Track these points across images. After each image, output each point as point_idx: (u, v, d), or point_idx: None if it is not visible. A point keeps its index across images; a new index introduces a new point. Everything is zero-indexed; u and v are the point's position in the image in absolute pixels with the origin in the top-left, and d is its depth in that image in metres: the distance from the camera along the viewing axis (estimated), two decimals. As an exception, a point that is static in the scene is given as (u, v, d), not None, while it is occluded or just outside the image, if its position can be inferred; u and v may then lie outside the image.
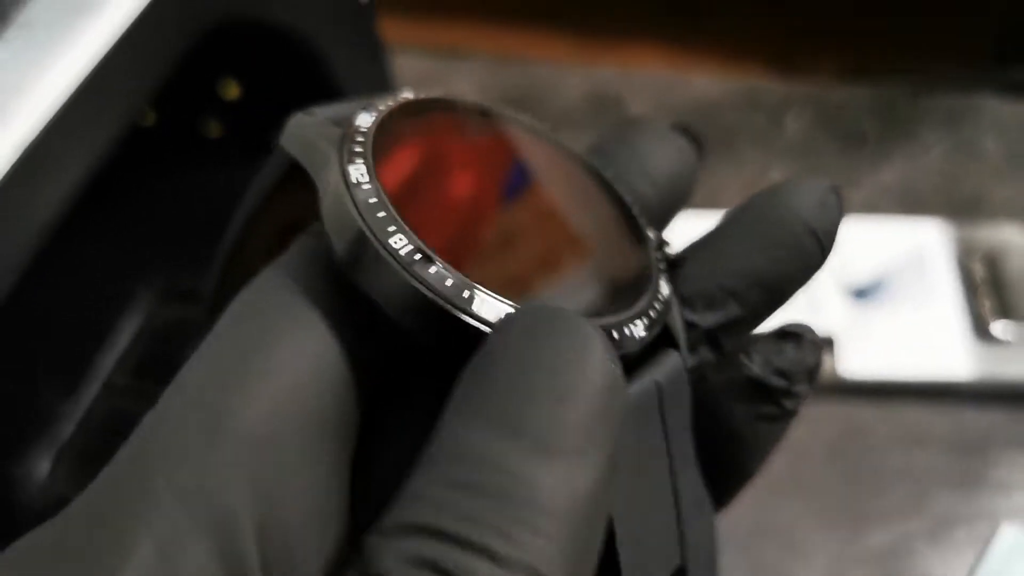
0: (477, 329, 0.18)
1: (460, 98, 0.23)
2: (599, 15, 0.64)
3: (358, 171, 0.19)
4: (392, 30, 0.52)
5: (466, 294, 0.18)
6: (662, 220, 0.24)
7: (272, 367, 0.18)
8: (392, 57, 0.48)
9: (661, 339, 0.20)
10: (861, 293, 0.48)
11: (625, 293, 0.20)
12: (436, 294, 0.18)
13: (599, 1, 0.64)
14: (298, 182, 0.21)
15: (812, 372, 0.22)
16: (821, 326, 0.47)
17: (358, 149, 0.19)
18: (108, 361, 0.45)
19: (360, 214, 0.18)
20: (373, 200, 0.19)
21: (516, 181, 0.22)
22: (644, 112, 0.56)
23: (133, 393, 0.44)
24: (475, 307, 0.18)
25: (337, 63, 0.45)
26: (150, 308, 0.47)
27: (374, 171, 0.19)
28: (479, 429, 0.16)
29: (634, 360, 0.19)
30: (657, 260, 0.22)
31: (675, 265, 0.23)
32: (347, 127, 0.20)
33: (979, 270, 0.49)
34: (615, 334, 0.19)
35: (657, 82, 0.58)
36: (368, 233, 0.18)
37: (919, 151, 0.55)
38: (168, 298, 0.47)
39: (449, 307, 0.18)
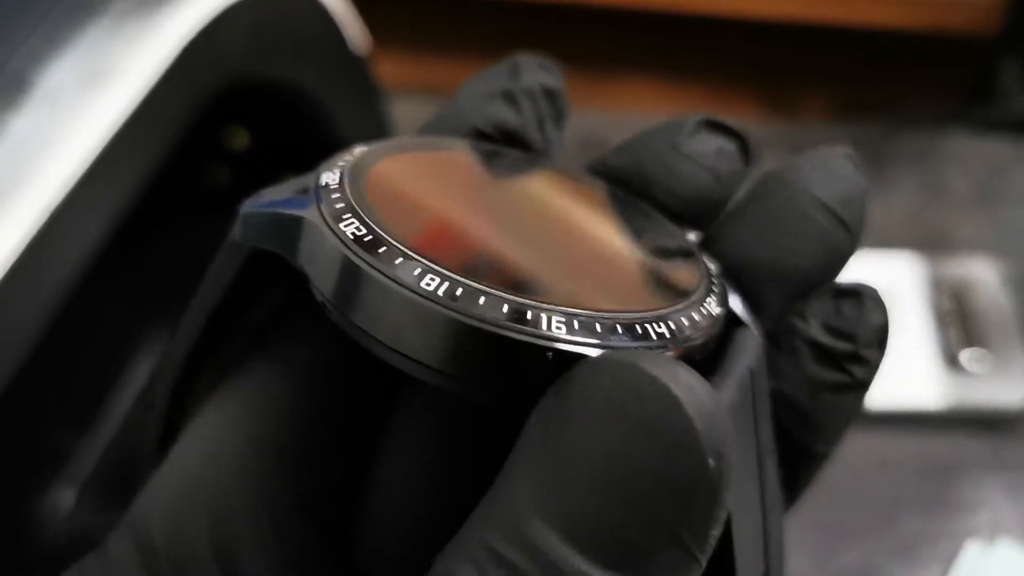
0: (560, 351, 0.15)
1: (414, 138, 0.21)
2: (589, 55, 0.65)
3: (352, 226, 0.17)
4: (388, 72, 0.54)
5: (530, 315, 0.15)
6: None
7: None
8: (390, 102, 0.50)
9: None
10: (834, 326, 0.49)
11: (683, 276, 0.18)
12: (498, 325, 0.15)
13: (589, 41, 0.65)
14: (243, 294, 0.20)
15: (880, 333, 0.19)
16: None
17: (340, 205, 0.17)
18: (124, 399, 0.46)
19: (376, 268, 0.16)
20: (383, 249, 0.16)
21: (505, 201, 0.20)
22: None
23: (149, 429, 0.46)
24: (547, 327, 0.15)
25: (337, 113, 0.47)
26: (161, 349, 0.48)
27: (369, 221, 0.17)
28: (538, 521, 0.14)
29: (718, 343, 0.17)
30: (689, 241, 0.20)
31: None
32: (314, 189, 0.18)
33: (947, 302, 0.50)
34: (696, 316, 0.17)
35: (643, 125, 0.59)
36: (394, 285, 0.16)
37: (889, 188, 0.57)
38: None
39: (520, 336, 0.15)
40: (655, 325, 0.16)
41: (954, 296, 0.51)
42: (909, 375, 0.48)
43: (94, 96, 0.34)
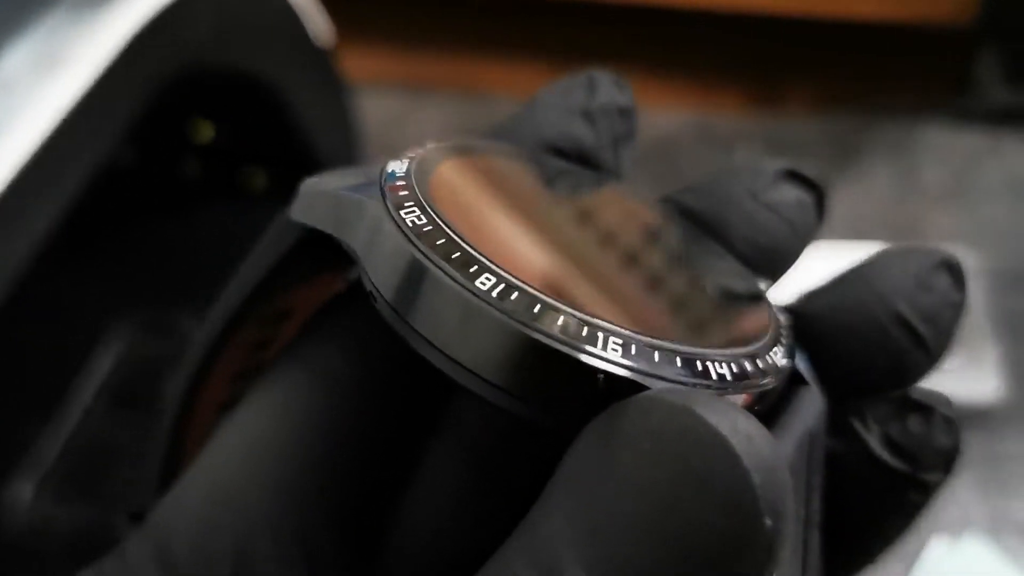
0: (612, 375, 0.14)
1: (491, 143, 0.20)
2: (571, 50, 0.66)
3: (413, 214, 0.16)
4: (364, 66, 0.54)
5: (587, 331, 0.14)
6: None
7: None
8: (357, 96, 0.50)
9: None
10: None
11: (751, 323, 0.17)
12: (549, 336, 0.14)
13: (572, 36, 0.65)
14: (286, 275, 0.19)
15: (948, 457, 0.17)
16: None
17: (404, 193, 0.16)
18: (88, 390, 0.46)
19: (432, 260, 0.15)
20: (441, 241, 0.15)
21: (579, 214, 0.19)
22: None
23: (112, 420, 0.46)
24: (601, 347, 0.14)
25: (300, 105, 0.47)
26: (128, 340, 0.48)
27: (432, 213, 0.16)
28: (577, 562, 0.13)
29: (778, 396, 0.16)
30: (760, 287, 0.18)
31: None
32: (381, 175, 0.17)
33: None
34: (760, 363, 0.15)
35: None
36: (448, 280, 0.15)
37: (864, 180, 0.57)
38: (145, 331, 0.48)
39: (570, 350, 0.14)
40: (717, 364, 0.15)
41: (925, 289, 0.51)
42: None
43: (47, 83, 0.34)
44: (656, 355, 0.14)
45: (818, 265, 0.53)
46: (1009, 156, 0.58)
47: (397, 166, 0.17)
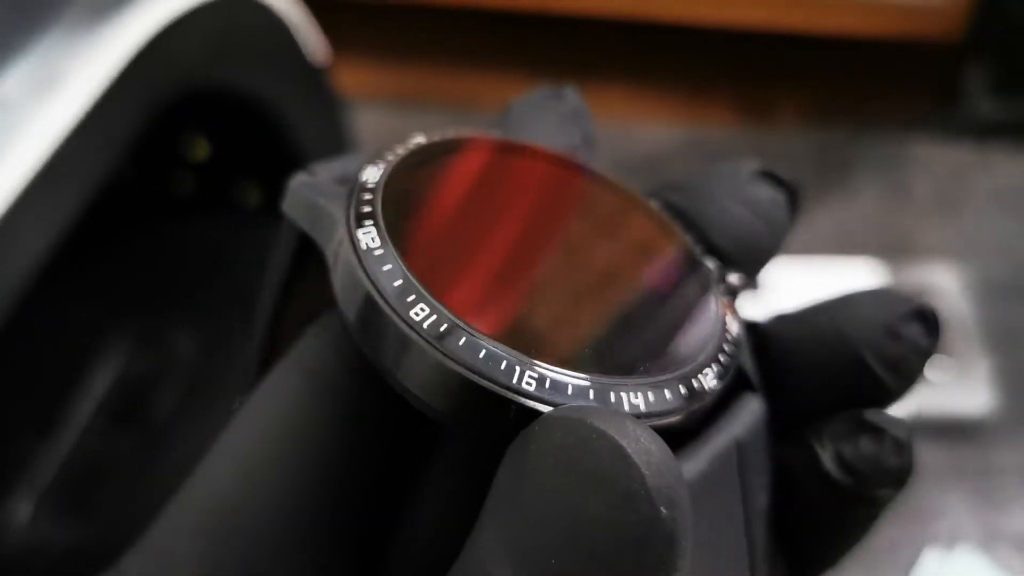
0: (523, 407, 0.15)
1: (480, 134, 0.20)
2: (563, 63, 0.66)
3: (368, 235, 0.17)
4: (354, 81, 0.54)
5: (504, 365, 0.15)
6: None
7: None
8: (351, 111, 0.50)
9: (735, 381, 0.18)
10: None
11: (691, 338, 0.17)
12: (469, 368, 0.15)
13: (563, 49, 0.66)
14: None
15: (898, 476, 0.18)
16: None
17: (367, 209, 0.17)
18: (86, 408, 0.46)
19: (375, 285, 0.16)
20: (388, 267, 0.16)
21: (549, 225, 0.19)
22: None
23: (108, 437, 0.46)
24: (516, 380, 0.15)
25: (295, 122, 0.47)
26: (124, 357, 0.48)
27: (386, 234, 0.17)
28: (507, 568, 0.14)
29: (707, 412, 0.17)
30: (721, 296, 0.19)
31: (735, 292, 0.20)
32: (353, 184, 0.18)
33: None
34: (683, 389, 0.16)
35: (609, 133, 0.60)
36: (386, 307, 0.16)
37: (852, 195, 0.57)
38: (141, 347, 0.48)
39: (487, 383, 0.15)
40: (632, 395, 0.16)
41: (915, 303, 0.51)
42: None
43: (43, 104, 0.34)
44: (570, 388, 0.16)
45: (806, 279, 0.53)
46: (998, 169, 0.59)
47: (371, 174, 0.18)
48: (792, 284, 0.51)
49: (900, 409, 0.36)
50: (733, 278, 0.20)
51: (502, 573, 0.14)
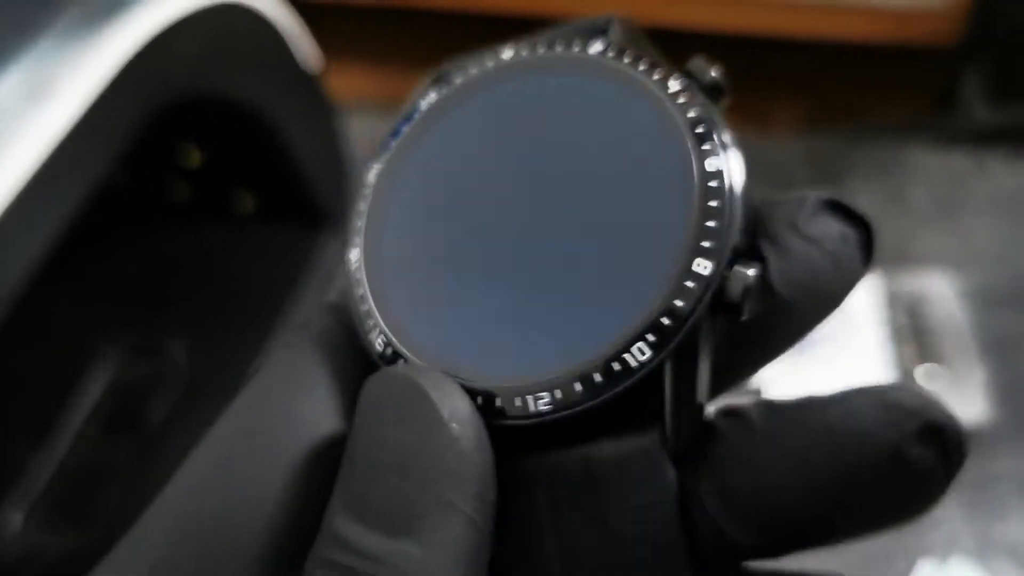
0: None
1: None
2: None
3: (355, 255, 0.20)
4: (346, 85, 0.54)
5: (391, 353, 0.19)
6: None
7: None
8: (343, 116, 0.51)
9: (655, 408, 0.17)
10: (791, 341, 0.50)
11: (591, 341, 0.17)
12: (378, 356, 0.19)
13: None
14: None
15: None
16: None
17: (358, 223, 0.20)
18: (79, 415, 0.46)
19: (354, 310, 0.19)
20: (360, 292, 0.19)
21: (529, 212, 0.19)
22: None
23: (102, 445, 0.46)
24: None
25: (291, 130, 0.47)
26: (118, 364, 0.48)
27: (363, 254, 0.19)
28: (340, 513, 0.17)
29: (562, 429, 0.17)
30: (680, 312, 0.17)
31: (731, 311, 0.17)
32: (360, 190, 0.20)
33: (902, 317, 0.51)
34: (516, 402, 0.17)
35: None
36: (360, 332, 0.19)
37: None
38: (135, 354, 0.48)
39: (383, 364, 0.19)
40: (496, 400, 0.18)
41: (909, 311, 0.51)
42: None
43: (37, 110, 0.35)
44: (479, 399, 0.18)
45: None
46: (995, 175, 0.59)
47: (371, 173, 0.20)
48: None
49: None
50: (748, 272, 0.17)
51: (339, 515, 0.17)
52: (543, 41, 0.20)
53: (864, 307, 0.51)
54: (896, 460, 0.16)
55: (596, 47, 0.20)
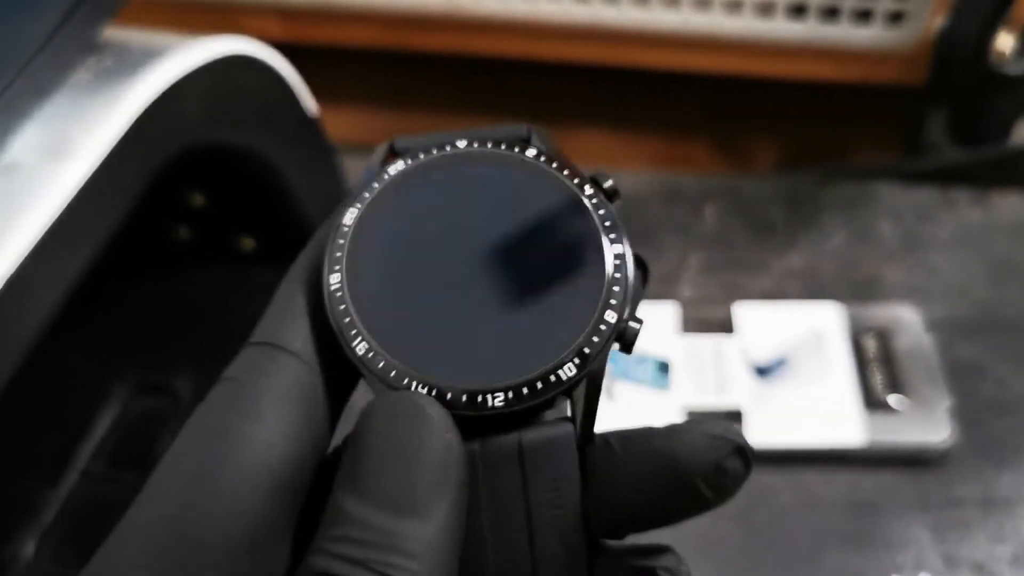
0: None
1: (458, 150, 0.26)
2: (545, 109, 0.67)
3: (336, 279, 0.24)
4: (346, 127, 0.55)
5: (406, 382, 0.23)
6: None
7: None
8: (348, 157, 0.52)
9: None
10: (765, 370, 0.51)
11: (526, 364, 0.23)
12: (368, 370, 0.23)
13: (545, 95, 0.67)
14: None
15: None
16: (729, 401, 0.51)
17: (337, 254, 0.24)
18: (86, 451, 0.48)
19: (336, 322, 0.23)
20: (342, 307, 0.24)
21: (478, 243, 0.25)
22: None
23: (109, 480, 0.47)
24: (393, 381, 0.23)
25: (293, 173, 0.49)
26: (124, 401, 0.49)
27: (344, 277, 0.24)
28: (351, 496, 0.21)
29: (505, 421, 0.23)
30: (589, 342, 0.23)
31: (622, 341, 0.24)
32: (333, 224, 0.25)
33: (871, 347, 0.52)
34: (478, 399, 0.23)
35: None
36: (342, 340, 0.23)
37: (821, 237, 0.59)
38: (141, 392, 0.50)
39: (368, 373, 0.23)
40: (462, 397, 0.23)
41: (878, 341, 0.53)
42: (835, 416, 0.50)
43: (51, 168, 0.36)
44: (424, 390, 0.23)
45: (774, 321, 0.55)
46: (960, 211, 0.60)
47: (348, 215, 0.25)
48: (763, 325, 0.53)
49: (858, 436, 0.38)
50: (637, 324, 0.24)
51: (342, 494, 0.21)
52: (486, 137, 0.27)
53: (834, 336, 0.53)
54: (719, 469, 0.23)
55: (531, 152, 0.26)
